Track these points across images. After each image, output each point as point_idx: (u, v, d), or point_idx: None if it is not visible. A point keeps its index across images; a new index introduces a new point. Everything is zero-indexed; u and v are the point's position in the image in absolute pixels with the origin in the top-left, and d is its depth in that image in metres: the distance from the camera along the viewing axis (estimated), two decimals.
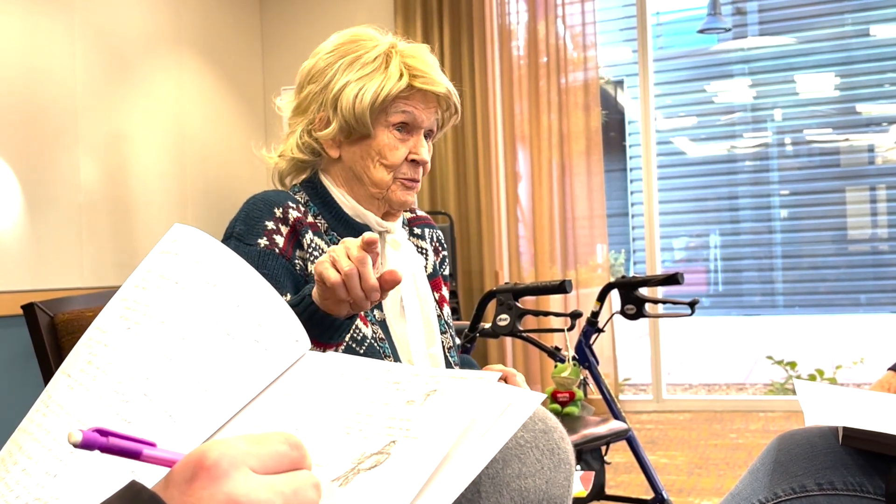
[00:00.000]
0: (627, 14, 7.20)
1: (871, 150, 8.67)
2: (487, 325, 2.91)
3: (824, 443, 1.30)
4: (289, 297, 1.31)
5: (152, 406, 0.76)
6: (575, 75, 5.13)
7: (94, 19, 4.18)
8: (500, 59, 5.19)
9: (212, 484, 0.53)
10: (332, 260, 1.13)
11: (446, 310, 1.52)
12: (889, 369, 1.52)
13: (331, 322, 1.18)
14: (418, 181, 1.45)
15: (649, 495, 2.92)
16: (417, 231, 1.56)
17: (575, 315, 2.90)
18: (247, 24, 5.42)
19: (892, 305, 8.86)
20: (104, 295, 1.57)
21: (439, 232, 1.62)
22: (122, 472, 0.71)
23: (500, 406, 0.71)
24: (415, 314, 1.43)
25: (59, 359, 1.41)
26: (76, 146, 4.04)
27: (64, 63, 4.00)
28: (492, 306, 3.03)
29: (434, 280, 1.53)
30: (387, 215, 1.47)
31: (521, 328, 2.91)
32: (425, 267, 1.52)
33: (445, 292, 1.55)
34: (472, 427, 0.69)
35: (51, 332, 1.42)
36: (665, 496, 2.85)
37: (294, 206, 1.39)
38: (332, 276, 1.12)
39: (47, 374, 1.41)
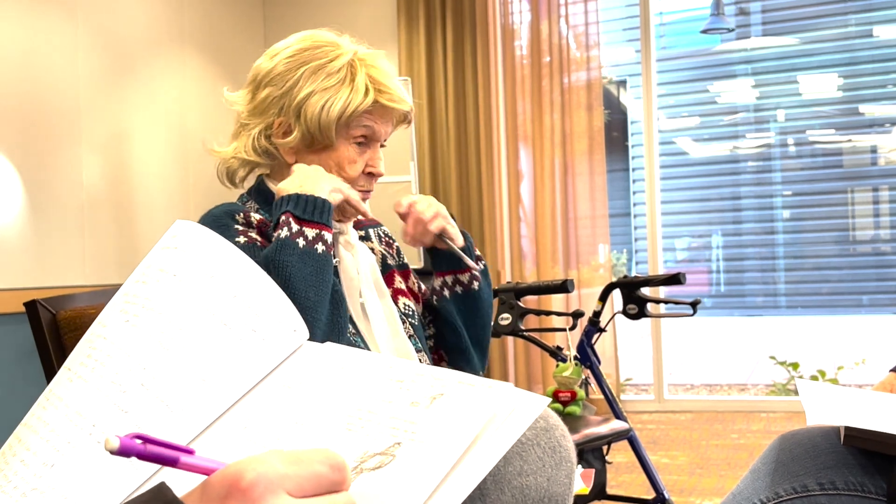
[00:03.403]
0: (630, 14, 7.20)
1: (874, 150, 8.66)
2: None
3: (826, 442, 1.30)
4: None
5: (149, 396, 0.76)
6: (578, 75, 5.13)
7: (97, 18, 4.18)
8: (502, 59, 5.19)
9: None
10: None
11: (402, 301, 1.53)
12: (891, 371, 1.52)
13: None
14: (371, 191, 1.49)
15: (650, 495, 2.92)
16: (361, 233, 1.57)
17: (577, 315, 2.90)
18: (249, 22, 5.42)
19: (894, 306, 8.85)
20: (106, 292, 1.57)
21: (384, 227, 1.65)
22: (119, 462, 0.71)
23: (505, 411, 0.71)
24: (376, 311, 1.45)
25: (62, 356, 1.41)
26: (79, 145, 4.04)
27: (66, 62, 4.00)
28: (494, 305, 3.03)
29: (388, 273, 1.55)
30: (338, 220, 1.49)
31: (522, 327, 2.92)
32: (378, 262, 1.55)
33: (401, 283, 1.56)
34: (478, 434, 0.69)
35: (53, 329, 1.43)
36: (666, 496, 2.85)
37: (251, 211, 1.42)
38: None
39: (49, 372, 1.41)
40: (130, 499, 0.53)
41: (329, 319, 1.30)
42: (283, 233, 1.29)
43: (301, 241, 1.29)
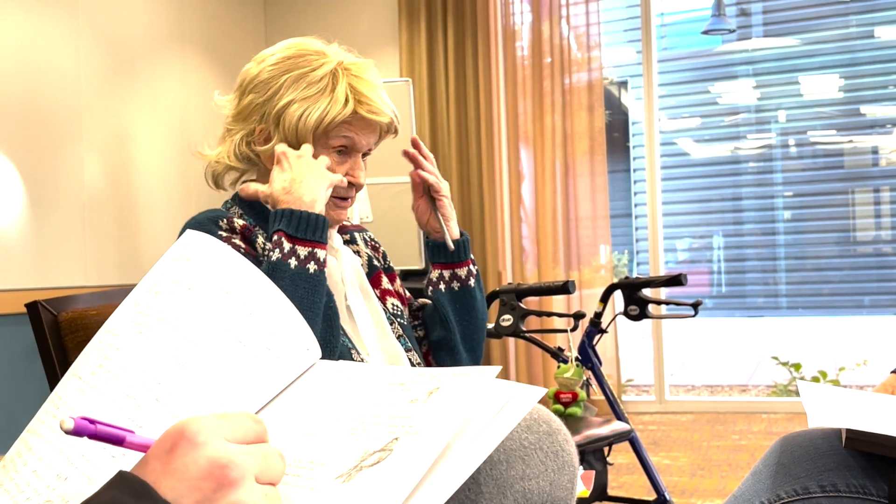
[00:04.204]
0: (632, 15, 7.20)
1: (875, 151, 8.66)
2: (491, 326, 2.91)
3: (827, 445, 1.30)
4: None
5: (164, 411, 0.76)
6: (579, 76, 5.13)
7: (98, 19, 4.18)
8: (504, 60, 5.19)
9: (193, 450, 0.57)
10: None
11: (390, 301, 1.54)
12: (892, 372, 1.52)
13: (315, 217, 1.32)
14: (351, 199, 1.49)
15: (652, 496, 2.92)
16: (346, 237, 1.59)
17: (578, 316, 2.90)
18: (251, 22, 5.42)
19: (895, 307, 8.84)
20: (108, 294, 1.57)
21: (369, 232, 1.66)
22: None
23: (499, 400, 0.72)
24: (363, 313, 1.46)
25: (63, 357, 1.41)
26: (80, 145, 4.04)
27: (68, 62, 4.00)
28: (495, 306, 3.04)
29: (375, 275, 1.56)
30: None
31: (524, 328, 2.92)
32: (364, 265, 1.56)
33: (388, 284, 1.57)
34: (471, 420, 0.70)
35: (54, 330, 1.43)
36: (667, 497, 2.85)
37: (235, 216, 1.42)
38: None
39: (51, 373, 1.41)
40: (97, 490, 0.56)
41: (322, 336, 1.29)
42: (275, 255, 1.29)
43: (293, 262, 1.29)
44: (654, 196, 5.28)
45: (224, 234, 1.37)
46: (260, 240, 1.40)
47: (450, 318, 1.53)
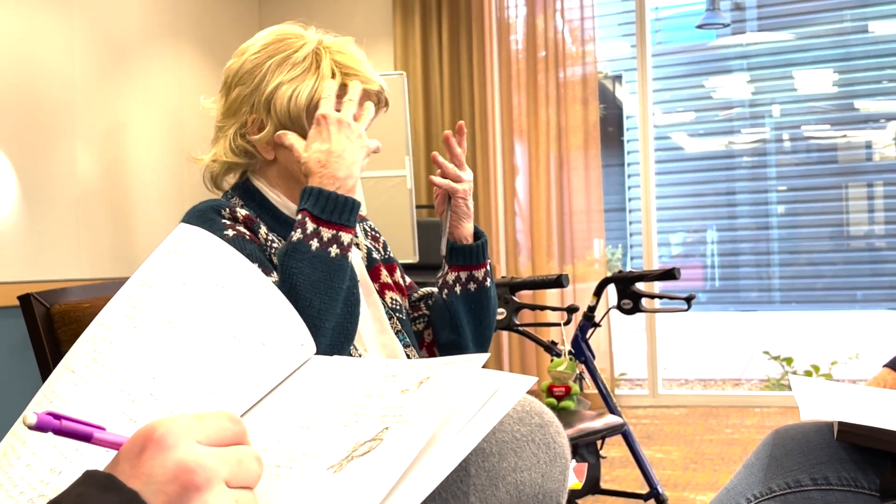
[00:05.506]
0: (626, 9, 7.19)
1: (868, 146, 8.67)
2: None
3: (819, 438, 1.30)
4: (275, 275, 1.31)
5: (158, 406, 0.77)
6: (573, 69, 5.13)
7: (93, 12, 4.17)
8: (498, 53, 5.19)
9: (161, 453, 0.56)
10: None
11: (389, 296, 1.52)
12: (884, 366, 1.52)
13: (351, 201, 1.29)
14: None
15: (644, 490, 2.93)
16: None
17: (571, 309, 2.90)
18: (245, 17, 5.41)
19: (888, 302, 8.87)
20: (101, 286, 1.57)
21: (369, 222, 1.64)
22: None
23: (489, 388, 0.73)
24: (362, 308, 1.43)
25: (56, 350, 1.41)
26: (74, 138, 4.03)
27: (62, 56, 3.99)
28: None
29: (374, 268, 1.54)
30: None
31: (517, 322, 2.92)
32: (363, 258, 1.54)
33: (387, 277, 1.55)
34: (460, 408, 0.70)
35: (47, 322, 1.42)
36: (660, 491, 2.86)
37: (236, 206, 1.40)
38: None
39: (43, 365, 1.41)
40: (64, 490, 0.55)
41: (338, 324, 1.27)
42: (297, 235, 1.27)
43: (314, 244, 1.26)
44: (647, 190, 5.28)
45: (228, 221, 1.36)
46: (262, 230, 1.38)
47: (462, 322, 1.51)
